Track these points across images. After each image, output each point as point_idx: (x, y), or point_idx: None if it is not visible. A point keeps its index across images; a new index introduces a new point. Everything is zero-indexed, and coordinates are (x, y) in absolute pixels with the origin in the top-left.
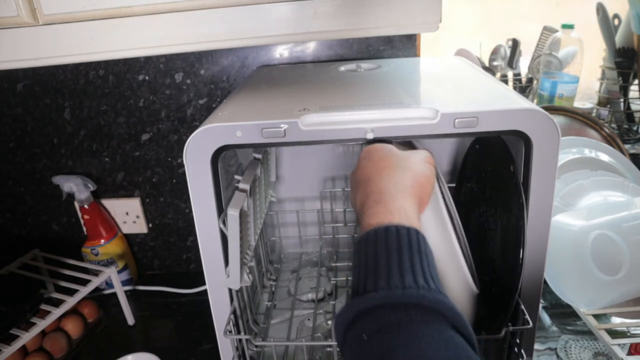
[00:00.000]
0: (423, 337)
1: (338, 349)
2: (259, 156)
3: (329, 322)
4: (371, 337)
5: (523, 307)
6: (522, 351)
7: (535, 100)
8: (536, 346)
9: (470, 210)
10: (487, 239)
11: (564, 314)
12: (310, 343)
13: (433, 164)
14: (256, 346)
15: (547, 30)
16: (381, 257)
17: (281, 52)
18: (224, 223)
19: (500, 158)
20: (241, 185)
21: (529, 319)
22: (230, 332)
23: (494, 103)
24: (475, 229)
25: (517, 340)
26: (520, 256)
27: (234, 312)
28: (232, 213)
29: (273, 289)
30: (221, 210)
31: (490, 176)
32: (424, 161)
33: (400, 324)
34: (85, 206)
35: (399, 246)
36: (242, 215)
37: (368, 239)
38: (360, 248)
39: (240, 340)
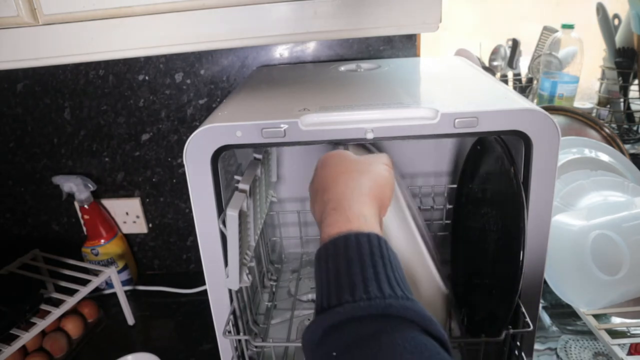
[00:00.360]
0: (394, 347)
1: None
2: (259, 156)
3: None
4: (341, 354)
5: (524, 310)
6: (523, 354)
7: (535, 100)
8: (536, 346)
9: (472, 211)
10: (488, 240)
11: (564, 314)
12: None
13: (391, 166)
14: (255, 347)
15: (547, 30)
16: (342, 268)
17: (281, 52)
18: (224, 223)
19: (501, 160)
20: (241, 186)
21: (529, 321)
22: (230, 332)
23: (494, 103)
24: (477, 230)
25: (518, 343)
26: (521, 258)
27: (233, 313)
28: (231, 213)
29: (274, 289)
30: (221, 211)
31: (491, 177)
32: (381, 163)
33: (369, 336)
34: (85, 206)
35: (360, 255)
36: (242, 216)
37: (327, 251)
38: (320, 261)
39: (239, 340)
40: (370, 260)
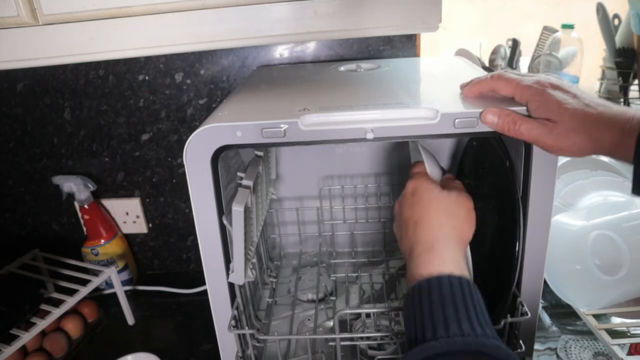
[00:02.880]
0: None
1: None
2: (260, 153)
3: (330, 322)
4: None
5: (521, 300)
6: (521, 342)
7: None
8: (536, 346)
9: None
10: (485, 234)
11: (564, 314)
12: (313, 336)
13: (473, 210)
14: (259, 341)
15: (547, 30)
16: (436, 306)
17: (281, 52)
18: (228, 220)
19: (497, 154)
20: (244, 182)
21: (527, 310)
22: (235, 327)
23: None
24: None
25: (515, 332)
26: (516, 249)
27: (237, 308)
28: (237, 209)
29: (273, 285)
30: (221, 210)
31: (487, 172)
32: (468, 208)
33: None
34: (85, 206)
35: (453, 295)
36: (246, 211)
37: (421, 289)
38: (413, 298)
39: (243, 335)
40: (462, 301)
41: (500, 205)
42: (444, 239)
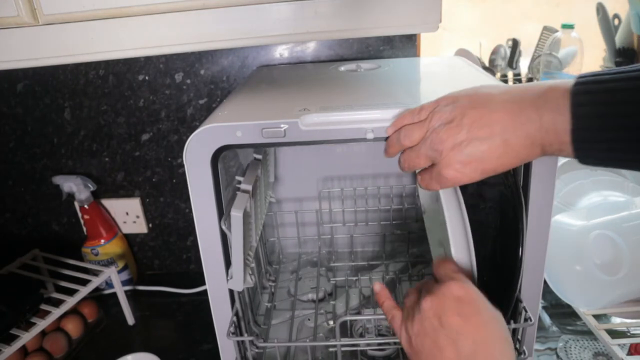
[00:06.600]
0: None
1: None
2: (259, 157)
3: (330, 322)
4: None
5: (524, 305)
6: (524, 348)
7: None
8: (536, 346)
9: (470, 208)
10: (487, 236)
11: (564, 314)
12: (313, 343)
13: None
14: (258, 347)
15: (547, 30)
16: None
17: (281, 52)
18: (227, 225)
19: None
20: (243, 186)
21: (530, 316)
22: (234, 333)
23: None
24: (475, 226)
25: (519, 337)
26: (520, 254)
27: (236, 314)
28: (236, 214)
29: (272, 289)
30: (221, 211)
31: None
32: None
33: None
34: (85, 206)
35: None
36: (245, 216)
37: None
38: None
39: (242, 342)
40: None
41: (502, 208)
42: None
